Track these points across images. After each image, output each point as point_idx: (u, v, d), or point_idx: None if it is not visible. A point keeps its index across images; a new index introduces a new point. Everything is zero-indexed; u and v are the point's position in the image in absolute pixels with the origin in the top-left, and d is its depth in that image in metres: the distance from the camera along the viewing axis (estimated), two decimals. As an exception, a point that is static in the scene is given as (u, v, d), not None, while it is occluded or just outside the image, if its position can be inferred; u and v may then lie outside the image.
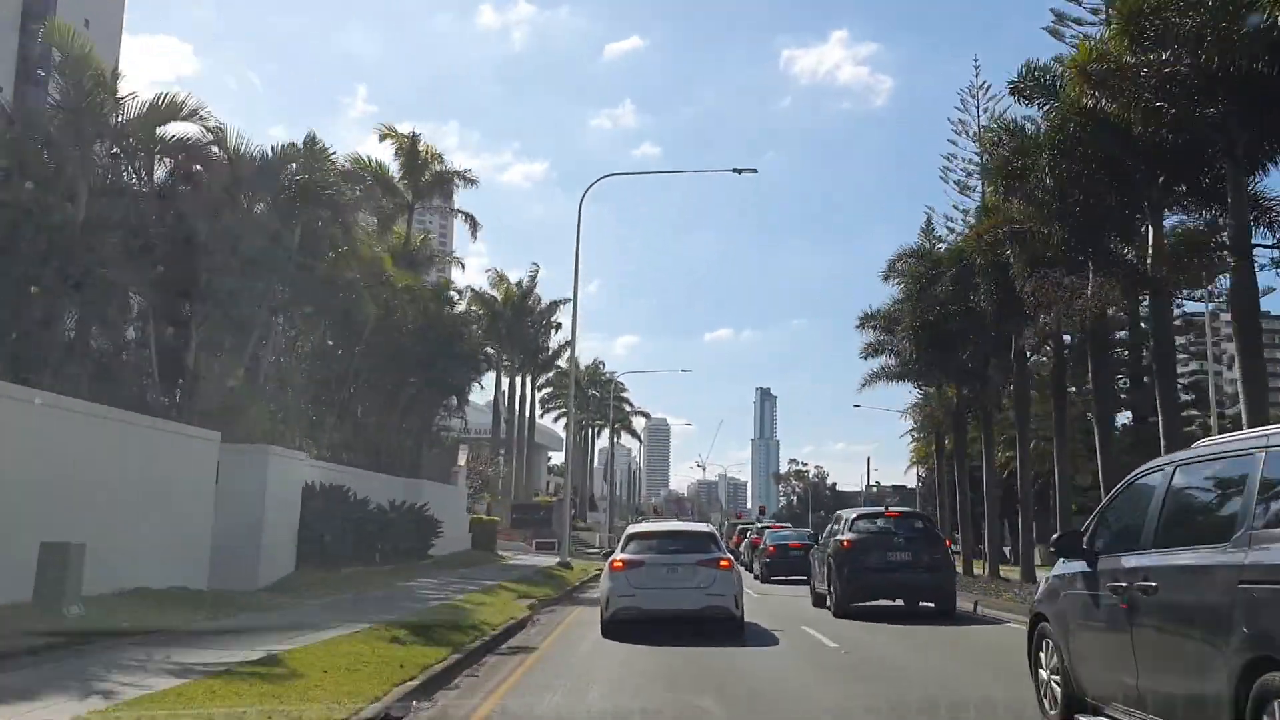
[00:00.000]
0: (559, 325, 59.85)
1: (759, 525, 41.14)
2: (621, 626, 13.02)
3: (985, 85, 51.85)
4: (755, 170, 33.95)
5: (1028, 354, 26.46)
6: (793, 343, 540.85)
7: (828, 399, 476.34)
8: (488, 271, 61.07)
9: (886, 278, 32.16)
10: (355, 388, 27.30)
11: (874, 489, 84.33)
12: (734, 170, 32.77)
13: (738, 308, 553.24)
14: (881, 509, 21.90)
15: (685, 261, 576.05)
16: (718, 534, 15.78)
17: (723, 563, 13.50)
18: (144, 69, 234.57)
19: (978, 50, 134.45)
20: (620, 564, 13.54)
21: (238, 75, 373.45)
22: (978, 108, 51.29)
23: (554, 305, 59.26)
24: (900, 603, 17.45)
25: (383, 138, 35.50)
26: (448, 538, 31.06)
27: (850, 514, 19.11)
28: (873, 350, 33.10)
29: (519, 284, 58.70)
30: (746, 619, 13.90)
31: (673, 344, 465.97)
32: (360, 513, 21.89)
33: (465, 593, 18.86)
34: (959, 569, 24.70)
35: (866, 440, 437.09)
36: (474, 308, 58.69)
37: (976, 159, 51.32)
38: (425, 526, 27.10)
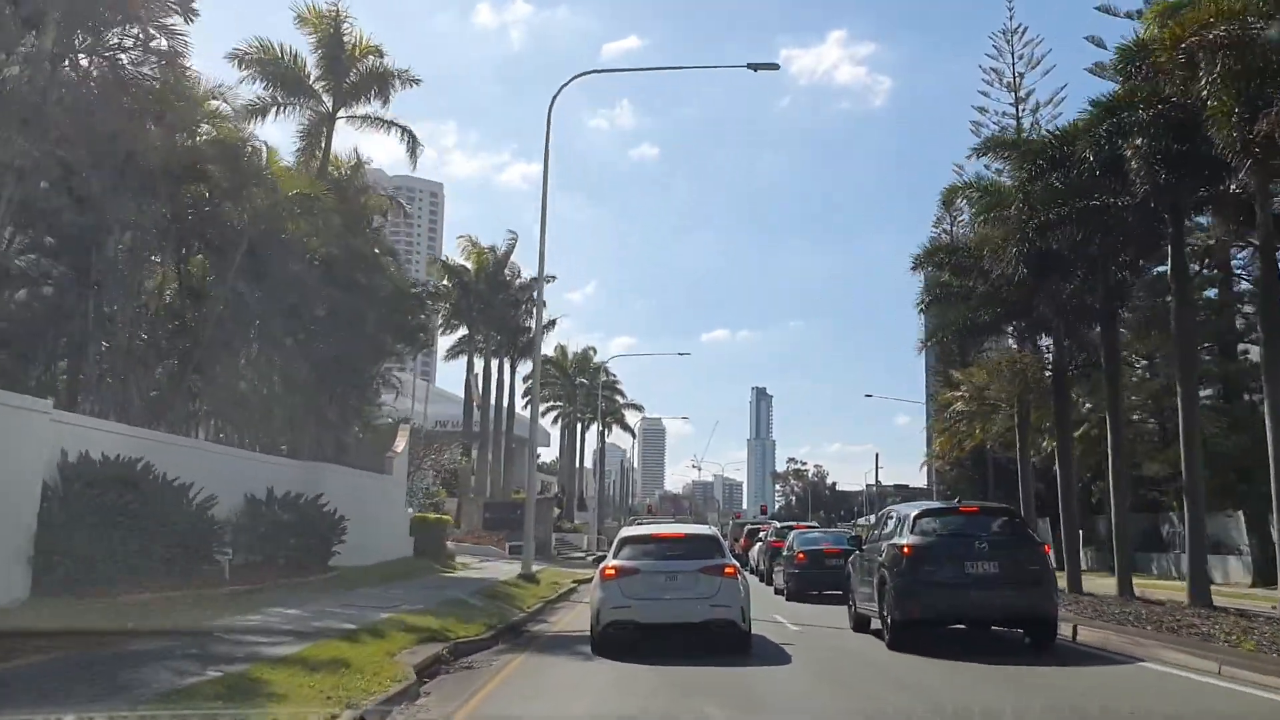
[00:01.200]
0: (544, 304, 51.69)
1: (779, 526, 32.93)
2: (614, 642, 12.01)
3: (1020, 28, 48.72)
4: (776, 66, 26.55)
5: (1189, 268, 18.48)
6: (790, 343, 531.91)
7: (825, 399, 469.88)
8: (460, 239, 52.08)
9: (948, 201, 24.87)
10: (223, 332, 19.33)
11: (874, 489, 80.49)
12: (749, 66, 26.02)
13: (735, 308, 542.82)
14: (953, 504, 16.78)
15: (684, 262, 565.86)
16: (721, 537, 14.23)
17: (728, 570, 12.45)
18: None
19: (975, 50, 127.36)
20: (613, 571, 12.43)
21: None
22: (1012, 54, 47.85)
23: (535, 281, 51.21)
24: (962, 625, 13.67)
25: (300, 20, 25.86)
26: (376, 541, 23.57)
27: (909, 510, 14.50)
28: (935, 296, 25.50)
29: (491, 249, 50.49)
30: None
31: (670, 345, 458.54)
32: (180, 506, 13.93)
33: (321, 638, 10.94)
34: (1062, 584, 18.75)
35: (864, 441, 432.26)
36: (444, 281, 50.87)
37: (1011, 109, 47.93)
38: (322, 527, 19.18)
